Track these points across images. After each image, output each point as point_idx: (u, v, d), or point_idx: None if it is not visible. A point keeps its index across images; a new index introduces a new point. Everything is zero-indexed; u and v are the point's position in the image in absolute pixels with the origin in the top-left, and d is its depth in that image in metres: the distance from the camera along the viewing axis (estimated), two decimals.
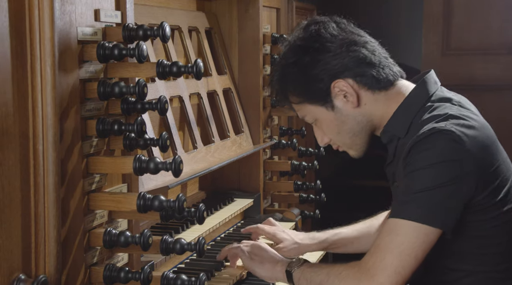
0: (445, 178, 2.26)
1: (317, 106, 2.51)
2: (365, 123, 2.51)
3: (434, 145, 2.27)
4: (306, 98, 2.52)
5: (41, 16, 1.76)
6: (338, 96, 2.46)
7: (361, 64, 2.45)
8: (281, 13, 3.97)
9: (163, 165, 2.01)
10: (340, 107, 2.48)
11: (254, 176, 3.58)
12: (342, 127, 2.51)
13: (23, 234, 1.75)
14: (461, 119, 2.34)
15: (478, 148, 2.30)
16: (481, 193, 2.31)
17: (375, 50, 2.49)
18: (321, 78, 2.45)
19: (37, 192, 1.78)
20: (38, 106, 1.77)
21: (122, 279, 2.03)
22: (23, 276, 1.73)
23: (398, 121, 2.47)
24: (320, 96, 2.48)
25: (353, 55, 2.45)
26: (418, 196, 2.26)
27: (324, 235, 2.92)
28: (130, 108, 2.06)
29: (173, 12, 3.13)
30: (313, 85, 2.48)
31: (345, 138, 2.54)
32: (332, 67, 2.44)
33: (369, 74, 2.45)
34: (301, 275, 2.48)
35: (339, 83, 2.45)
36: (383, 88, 2.47)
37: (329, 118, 2.51)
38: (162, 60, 2.04)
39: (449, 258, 2.42)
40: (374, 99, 2.48)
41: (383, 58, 2.50)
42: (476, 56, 5.14)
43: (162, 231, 2.73)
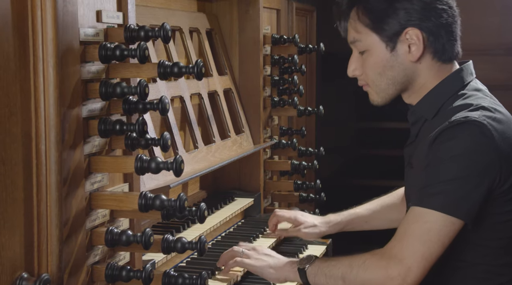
0: (472, 170, 2.27)
1: (380, 39, 2.46)
2: (409, 79, 2.49)
3: (464, 134, 2.28)
4: (376, 26, 2.45)
5: (44, 17, 1.77)
6: (404, 42, 2.44)
7: (442, 27, 2.44)
8: (281, 14, 3.97)
9: (164, 164, 2.01)
10: (400, 53, 2.45)
11: (255, 176, 3.59)
12: (387, 71, 2.48)
13: (25, 233, 1.75)
14: (492, 112, 2.35)
15: (505, 142, 2.32)
16: (502, 186, 2.33)
17: (458, 25, 2.49)
18: (402, 16, 2.42)
19: (40, 191, 1.79)
20: (40, 106, 1.77)
21: (124, 278, 2.03)
22: (25, 274, 1.73)
23: (428, 103, 2.48)
24: (390, 32, 2.43)
25: (441, 15, 2.43)
26: (444, 186, 2.27)
27: (339, 217, 2.98)
28: (131, 108, 2.05)
29: (174, 13, 3.14)
30: (392, 18, 2.43)
31: (382, 81, 2.50)
32: (419, 14, 2.41)
33: (442, 42, 2.45)
34: (318, 271, 2.45)
35: (414, 31, 2.42)
36: (442, 60, 2.47)
37: (382, 56, 2.47)
38: (164, 61, 2.04)
39: (455, 247, 2.41)
40: (430, 65, 2.47)
41: (458, 34, 2.50)
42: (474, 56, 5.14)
43: (163, 230, 2.74)
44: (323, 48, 3.79)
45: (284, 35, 3.75)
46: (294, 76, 3.77)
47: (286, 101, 3.72)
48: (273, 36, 3.72)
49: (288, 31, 4.07)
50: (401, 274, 2.27)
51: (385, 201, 2.99)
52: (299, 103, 3.73)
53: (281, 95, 3.80)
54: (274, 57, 3.74)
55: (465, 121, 2.29)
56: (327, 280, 2.42)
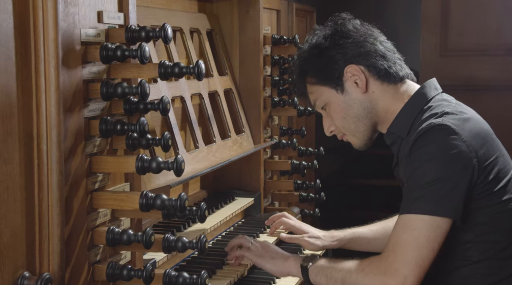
0: (448, 169, 2.36)
1: (329, 88, 2.64)
2: (370, 110, 2.63)
3: (432, 139, 2.39)
4: (321, 79, 2.65)
5: (45, 17, 1.78)
6: (349, 80, 2.61)
7: (375, 56, 2.61)
8: (281, 14, 3.98)
9: (165, 164, 2.02)
10: (350, 91, 2.62)
11: (255, 176, 3.59)
12: (348, 111, 2.63)
13: (27, 232, 1.76)
14: (456, 114, 2.46)
15: (474, 139, 2.41)
16: (482, 181, 2.40)
17: (390, 49, 2.66)
18: (337, 60, 2.62)
19: (41, 191, 1.80)
20: (42, 106, 1.78)
21: (125, 277, 2.04)
22: (27, 273, 1.74)
23: (399, 123, 2.59)
24: (333, 77, 2.62)
25: (369, 46, 2.62)
26: (425, 191, 2.36)
27: (343, 233, 3.00)
28: (132, 108, 2.06)
29: (175, 13, 3.14)
30: (329, 66, 2.63)
31: (350, 123, 2.65)
32: (349, 52, 2.61)
33: (381, 66, 2.60)
34: (319, 271, 2.54)
35: (352, 67, 2.60)
36: (392, 81, 2.62)
37: (338, 101, 2.64)
38: (164, 61, 2.04)
39: (451, 247, 2.46)
40: (382, 90, 2.62)
41: (397, 57, 2.66)
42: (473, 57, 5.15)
43: (164, 230, 2.74)
44: None
45: (284, 36, 3.76)
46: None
47: (286, 101, 3.73)
48: (273, 36, 3.73)
49: (288, 32, 4.07)
50: (398, 284, 2.35)
51: (387, 224, 3.00)
52: (299, 103, 3.74)
53: (281, 95, 3.80)
54: (274, 58, 3.74)
55: (430, 127, 2.41)
56: (328, 281, 2.52)
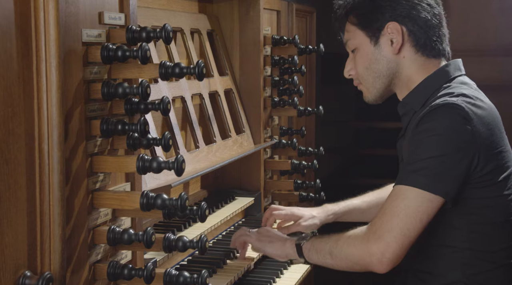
0: (450, 148, 2.37)
1: (365, 35, 2.64)
2: (393, 72, 2.63)
3: (442, 116, 2.39)
4: (361, 23, 2.64)
5: (47, 18, 1.78)
6: (386, 36, 2.61)
7: (422, 23, 2.59)
8: (281, 15, 3.98)
9: (166, 164, 2.02)
10: (382, 46, 2.62)
11: (255, 175, 3.59)
12: (372, 64, 2.64)
13: (28, 232, 1.77)
14: (473, 100, 2.45)
15: (484, 127, 2.42)
16: (481, 170, 2.41)
17: (439, 22, 2.63)
18: (384, 12, 2.60)
19: (43, 191, 1.80)
20: (43, 106, 1.79)
21: (126, 276, 2.04)
22: (28, 272, 1.74)
23: (416, 95, 2.59)
24: (373, 27, 2.62)
25: (421, 12, 2.59)
26: (423, 164, 2.37)
27: (337, 207, 3.04)
28: (133, 109, 2.07)
29: (176, 14, 3.14)
30: (375, 13, 2.61)
31: (369, 76, 2.66)
32: (399, 8, 2.59)
33: (423, 35, 2.60)
34: (311, 246, 2.59)
35: (394, 25, 2.59)
36: (426, 54, 2.62)
37: (367, 50, 2.64)
38: (165, 62, 2.05)
39: (437, 231, 2.48)
40: (413, 58, 2.61)
41: (442, 33, 2.64)
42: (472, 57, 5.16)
43: (164, 229, 2.75)
44: (323, 49, 3.80)
45: (284, 36, 3.76)
46: (294, 76, 3.78)
47: (286, 101, 3.73)
48: (273, 37, 3.73)
49: (288, 32, 4.08)
50: (380, 249, 2.35)
51: (380, 194, 3.05)
52: (299, 103, 3.74)
53: (281, 96, 3.81)
54: (274, 58, 3.75)
55: (444, 104, 2.41)
56: (318, 255, 2.56)
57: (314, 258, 2.58)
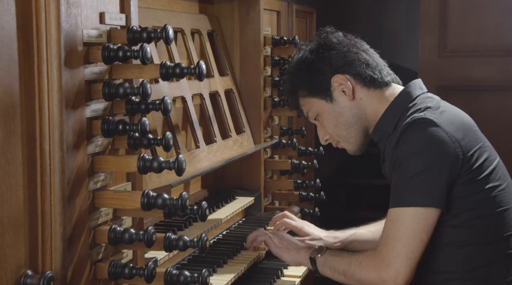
0: (431, 160, 2.46)
1: (319, 99, 2.76)
2: (359, 116, 2.73)
3: (415, 132, 2.50)
4: (310, 91, 2.77)
5: (48, 19, 1.79)
6: (337, 89, 2.73)
7: (359, 64, 2.74)
8: (281, 16, 3.99)
9: (167, 164, 2.02)
10: (338, 100, 2.73)
11: (255, 175, 3.60)
12: (339, 119, 2.74)
13: (30, 231, 1.77)
14: (438, 109, 2.57)
15: (456, 130, 2.51)
16: (466, 170, 2.49)
17: (374, 56, 2.78)
18: (324, 71, 2.73)
19: (44, 190, 1.80)
20: (44, 106, 1.79)
21: (127, 275, 2.04)
22: (30, 272, 1.75)
23: (385, 121, 2.69)
24: (321, 88, 2.74)
25: (353, 55, 2.73)
26: (410, 183, 2.46)
27: (344, 235, 3.06)
28: (134, 109, 2.07)
29: (176, 15, 3.15)
30: (316, 77, 2.75)
31: (341, 130, 2.76)
32: (334, 63, 2.73)
33: (366, 73, 2.71)
34: (325, 263, 2.70)
35: (338, 77, 2.71)
36: (378, 86, 2.72)
37: (328, 110, 2.75)
38: (166, 62, 2.05)
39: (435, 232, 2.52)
40: (369, 96, 2.73)
41: (381, 64, 2.77)
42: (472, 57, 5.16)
43: (165, 229, 2.75)
44: None
45: (284, 37, 3.77)
46: None
47: (286, 102, 3.74)
48: (273, 37, 3.74)
49: (288, 33, 4.08)
50: (391, 277, 2.47)
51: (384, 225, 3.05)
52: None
53: (281, 96, 3.81)
54: (274, 58, 3.75)
55: (413, 120, 2.52)
56: (332, 272, 2.68)
57: (327, 274, 2.71)
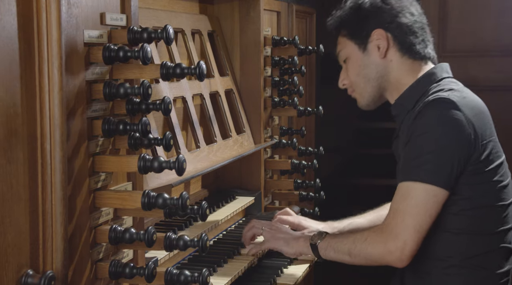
0: (447, 140, 2.49)
1: (354, 44, 2.80)
2: (382, 75, 2.77)
3: (435, 110, 2.53)
4: (350, 33, 2.82)
5: (49, 19, 1.79)
6: (373, 42, 2.76)
7: (405, 29, 2.75)
8: (281, 16, 3.99)
9: (167, 164, 2.03)
10: (370, 52, 2.77)
11: (255, 175, 3.61)
12: (362, 70, 2.79)
13: (31, 231, 1.77)
14: (461, 93, 2.60)
15: (475, 117, 2.54)
16: (476, 159, 2.52)
17: (422, 27, 2.79)
18: (369, 21, 2.78)
19: (45, 190, 1.81)
20: (45, 106, 1.79)
21: (127, 275, 2.05)
22: (31, 271, 1.75)
23: (408, 96, 2.71)
24: (361, 35, 2.79)
25: (403, 18, 2.76)
26: (424, 160, 2.49)
27: (341, 225, 3.09)
28: (134, 109, 2.07)
29: (177, 15, 3.15)
30: (361, 24, 2.79)
31: (360, 81, 2.81)
32: (383, 17, 2.76)
33: (407, 40, 2.75)
34: (328, 246, 2.71)
35: (379, 31, 2.75)
36: (412, 57, 2.76)
37: (357, 58, 2.80)
38: (166, 62, 2.05)
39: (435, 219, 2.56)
40: (400, 62, 2.76)
41: (426, 38, 2.80)
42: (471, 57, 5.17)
43: (166, 228, 2.76)
44: (323, 50, 3.82)
45: (284, 37, 3.77)
46: (294, 77, 3.79)
47: (286, 102, 3.74)
48: (273, 37, 3.74)
49: (288, 33, 4.09)
50: (399, 248, 2.50)
51: (380, 213, 3.08)
52: (299, 104, 3.75)
53: (281, 96, 3.82)
54: (274, 58, 3.76)
55: (435, 98, 2.55)
56: (336, 254, 2.69)
57: (331, 256, 2.72)
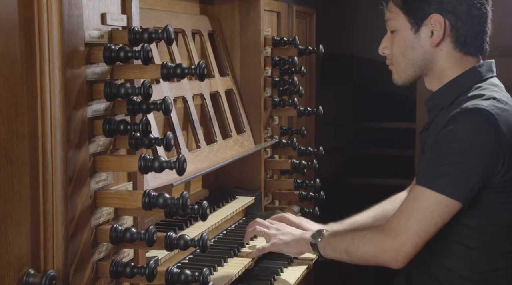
0: (473, 155, 2.38)
1: (407, 20, 2.61)
2: (427, 63, 2.62)
3: (471, 121, 2.40)
4: (407, 8, 2.60)
5: (50, 19, 1.80)
6: (428, 27, 2.58)
7: (466, 20, 2.56)
8: (281, 16, 3.99)
9: (168, 163, 2.03)
10: (422, 36, 2.59)
11: (256, 175, 3.61)
12: (408, 51, 2.62)
13: (32, 231, 1.78)
14: (502, 104, 2.45)
15: (510, 131, 2.42)
16: (503, 176, 2.42)
17: (484, 19, 2.61)
18: (431, 2, 2.56)
19: (46, 190, 1.81)
20: (46, 106, 1.80)
21: (128, 274, 2.05)
22: (32, 271, 1.76)
23: (446, 92, 2.59)
24: (417, 15, 2.58)
25: (467, 7, 2.56)
26: (446, 169, 2.39)
27: (342, 226, 3.03)
28: (135, 109, 2.08)
29: (177, 15, 3.15)
30: (421, 2, 2.58)
31: (402, 61, 2.64)
32: (445, 2, 2.56)
33: (464, 32, 2.57)
34: (326, 245, 2.69)
35: (438, 17, 2.56)
36: (463, 51, 2.59)
37: (406, 37, 2.62)
38: (167, 62, 2.06)
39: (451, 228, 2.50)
40: (450, 53, 2.59)
41: (484, 31, 2.63)
42: None
43: (166, 228, 2.76)
44: (323, 50, 3.82)
45: (285, 37, 3.77)
46: (294, 77, 3.79)
47: (286, 102, 3.75)
48: (273, 38, 3.74)
49: (288, 33, 4.09)
50: (395, 247, 2.43)
51: (385, 207, 3.05)
52: (299, 104, 3.76)
53: (281, 96, 3.82)
54: (274, 59, 3.76)
55: (474, 108, 2.41)
56: (334, 253, 2.66)
57: (329, 254, 2.69)
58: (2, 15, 1.67)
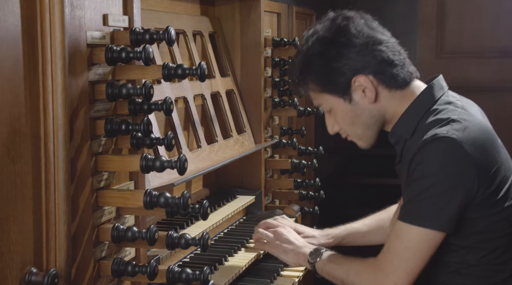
0: (447, 184, 2.35)
1: (336, 97, 2.56)
2: (378, 118, 2.58)
3: (435, 152, 2.36)
4: (326, 89, 2.57)
5: (52, 20, 1.80)
6: (357, 90, 2.53)
7: (382, 63, 2.52)
8: (281, 17, 3.99)
9: (169, 163, 2.04)
10: (358, 101, 2.55)
11: (256, 174, 3.61)
12: (356, 119, 2.58)
13: (34, 229, 1.79)
14: (461, 123, 2.40)
15: (479, 153, 2.38)
16: (482, 194, 2.39)
17: (396, 50, 2.56)
18: (344, 72, 2.51)
19: (48, 189, 1.82)
20: (49, 107, 1.81)
21: (130, 273, 2.06)
22: (34, 269, 1.77)
23: (404, 124, 2.54)
24: (340, 88, 2.54)
25: (376, 53, 2.51)
26: (423, 203, 2.37)
27: (337, 231, 3.03)
28: (137, 109, 2.09)
29: (178, 16, 3.15)
30: (335, 77, 2.53)
31: (357, 130, 2.62)
32: (356, 63, 2.51)
33: (389, 73, 2.52)
34: (323, 267, 2.67)
35: (360, 78, 2.51)
36: (399, 87, 2.55)
37: (345, 110, 2.58)
38: (168, 63, 2.07)
39: (449, 252, 2.50)
40: (389, 97, 2.56)
41: (402, 57, 2.57)
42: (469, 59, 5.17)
43: (167, 227, 2.77)
44: None
45: (285, 38, 3.77)
46: None
47: (286, 102, 3.75)
48: (273, 39, 3.74)
49: (288, 34, 4.10)
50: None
51: (381, 216, 3.04)
52: (299, 104, 3.76)
53: (281, 96, 3.82)
54: (274, 59, 3.76)
55: (434, 138, 2.37)
56: (330, 278, 2.65)
57: (326, 277, 2.69)
58: (5, 16, 1.68)
